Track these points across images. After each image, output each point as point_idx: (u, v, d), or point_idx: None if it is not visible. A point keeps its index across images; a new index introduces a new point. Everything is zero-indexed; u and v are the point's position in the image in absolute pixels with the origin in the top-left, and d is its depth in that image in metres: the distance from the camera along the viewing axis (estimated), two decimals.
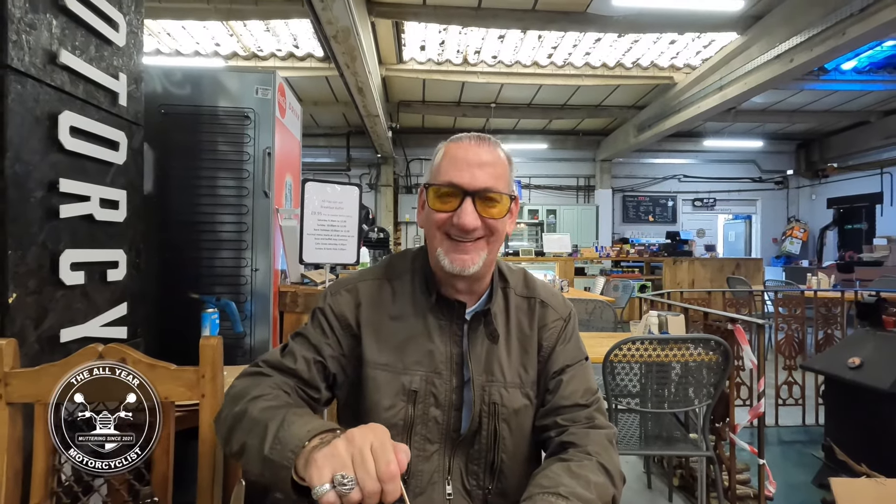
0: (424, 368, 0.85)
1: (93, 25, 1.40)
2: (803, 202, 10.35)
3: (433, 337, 0.87)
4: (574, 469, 0.74)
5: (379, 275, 0.93)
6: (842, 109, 7.97)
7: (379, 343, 0.86)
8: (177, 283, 2.17)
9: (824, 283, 4.94)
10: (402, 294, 0.90)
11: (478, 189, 0.81)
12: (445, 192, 0.83)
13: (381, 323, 0.88)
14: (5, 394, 0.84)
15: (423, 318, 0.88)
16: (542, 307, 0.93)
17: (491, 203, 0.82)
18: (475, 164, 0.82)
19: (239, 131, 2.25)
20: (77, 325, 1.36)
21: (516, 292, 0.94)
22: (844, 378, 2.36)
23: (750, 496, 2.24)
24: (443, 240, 0.84)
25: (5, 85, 1.14)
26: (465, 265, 0.82)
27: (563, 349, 0.91)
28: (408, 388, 0.84)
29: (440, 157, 0.88)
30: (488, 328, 0.88)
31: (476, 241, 0.83)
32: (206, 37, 5.58)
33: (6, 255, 1.14)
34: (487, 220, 0.83)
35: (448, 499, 0.84)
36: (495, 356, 0.88)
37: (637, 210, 10.33)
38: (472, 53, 6.13)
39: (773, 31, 4.83)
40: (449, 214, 0.82)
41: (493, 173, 0.83)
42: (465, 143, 0.86)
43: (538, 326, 0.92)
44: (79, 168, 1.36)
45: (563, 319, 0.94)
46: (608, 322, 3.10)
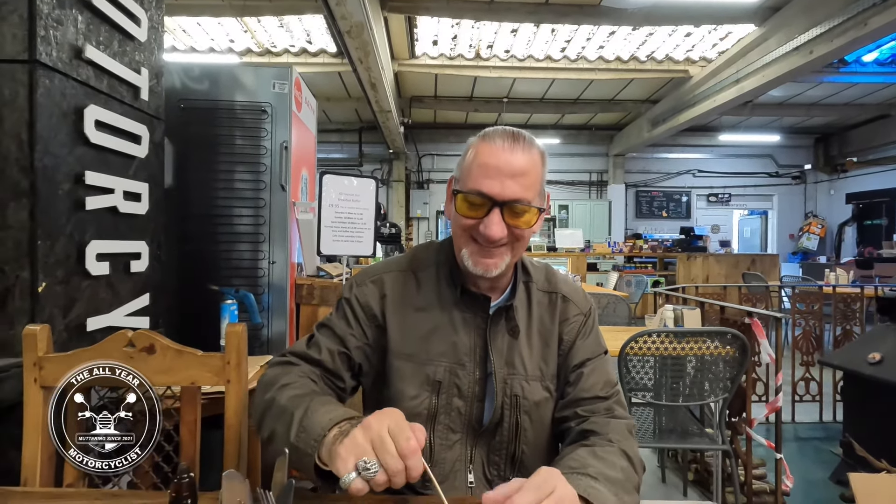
0: (448, 360, 0.86)
1: (116, 21, 1.43)
2: (821, 197, 10.16)
3: (457, 329, 0.88)
4: (598, 453, 0.74)
5: (404, 266, 0.94)
6: (862, 102, 7.80)
7: (404, 334, 0.88)
8: (196, 275, 2.21)
9: (843, 279, 4.87)
10: (427, 286, 0.91)
11: (507, 200, 0.79)
12: (474, 200, 0.80)
13: (406, 314, 0.89)
14: (39, 377, 0.87)
15: (448, 311, 0.89)
16: (563, 302, 0.94)
17: (519, 214, 0.81)
18: (507, 173, 0.79)
19: (256, 125, 2.28)
20: (102, 314, 1.39)
21: (538, 287, 0.94)
22: (864, 373, 2.32)
23: (766, 491, 2.23)
24: (468, 242, 0.83)
25: (34, 79, 1.17)
26: (488, 268, 0.82)
27: (583, 343, 0.92)
28: (432, 379, 0.85)
29: (471, 157, 0.83)
30: (510, 323, 0.89)
31: (501, 248, 0.83)
32: (220, 33, 5.63)
33: (36, 246, 1.18)
34: (514, 230, 0.82)
35: (470, 487, 0.86)
36: (516, 350, 0.89)
37: (650, 205, 10.23)
38: (485, 48, 6.11)
39: (791, 22, 4.74)
40: (476, 221, 0.81)
41: (524, 183, 0.80)
42: (498, 145, 0.81)
43: (559, 321, 0.92)
44: (103, 161, 1.40)
45: (583, 314, 0.94)
46: (622, 317, 3.09)
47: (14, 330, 1.16)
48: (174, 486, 0.63)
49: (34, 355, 0.88)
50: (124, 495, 0.81)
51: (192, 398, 0.91)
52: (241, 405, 0.91)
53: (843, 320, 3.55)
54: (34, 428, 0.86)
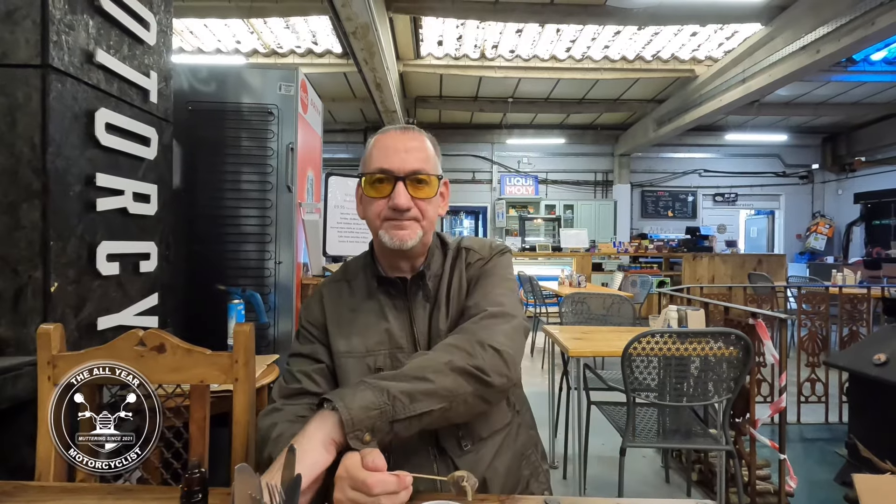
0: (386, 347, 0.92)
1: (126, 25, 1.45)
2: (829, 197, 10.09)
3: (388, 317, 0.93)
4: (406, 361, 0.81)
5: (338, 277, 1.02)
6: (870, 101, 7.74)
7: (343, 334, 0.93)
8: (203, 275, 2.23)
9: (850, 279, 4.83)
10: (357, 288, 0.98)
11: (408, 172, 0.88)
12: (378, 178, 0.89)
13: (342, 316, 0.95)
14: (53, 375, 0.89)
15: (377, 303, 0.95)
16: (466, 252, 0.99)
17: (421, 185, 0.90)
18: (402, 149, 0.89)
19: (263, 127, 2.30)
20: (112, 313, 1.42)
21: (452, 254, 1.00)
22: (870, 374, 2.31)
23: (770, 492, 2.23)
24: (382, 222, 0.91)
25: (47, 84, 1.19)
26: (403, 240, 0.89)
27: (479, 275, 0.96)
28: (373, 368, 0.90)
29: (371, 146, 0.93)
30: (423, 290, 0.95)
31: (411, 220, 0.90)
32: (227, 34, 5.68)
33: (48, 246, 1.20)
34: (419, 202, 0.90)
35: (433, 459, 0.88)
36: (436, 315, 0.94)
37: (656, 205, 10.19)
38: (490, 48, 6.12)
39: (798, 21, 4.72)
40: (385, 200, 0.89)
41: (420, 157, 0.90)
42: (391, 133, 0.92)
43: (465, 269, 0.98)
44: (113, 163, 1.42)
45: (484, 259, 0.99)
46: (626, 318, 3.08)
47: (27, 329, 1.18)
48: (186, 480, 0.64)
49: (48, 354, 0.90)
50: (136, 490, 0.83)
51: (201, 396, 0.93)
52: (248, 403, 0.92)
53: (849, 321, 3.53)
54: (48, 424, 0.88)
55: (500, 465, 0.91)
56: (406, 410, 0.72)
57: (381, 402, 0.71)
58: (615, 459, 1.88)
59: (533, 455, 1.00)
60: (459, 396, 0.76)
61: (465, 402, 0.77)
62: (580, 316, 3.13)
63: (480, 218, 10.28)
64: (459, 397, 0.77)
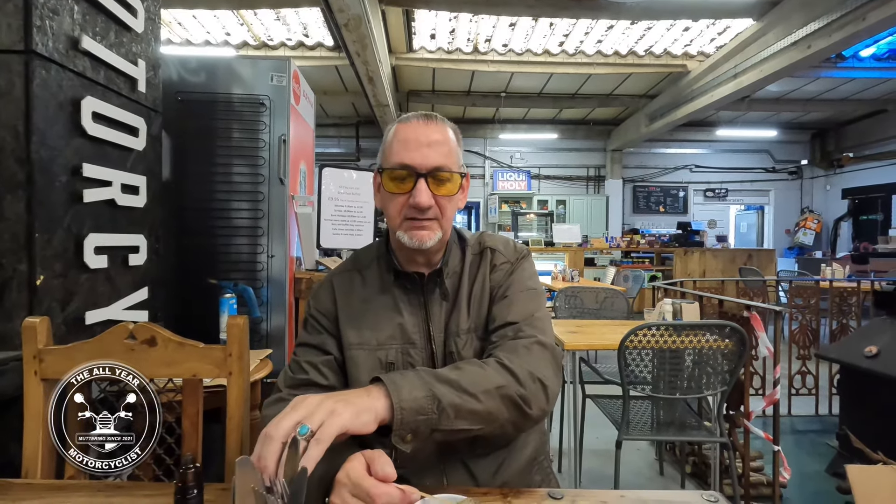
0: (398, 341, 0.89)
1: (112, 11, 1.41)
2: (817, 193, 10.20)
3: (402, 311, 0.91)
4: (459, 365, 0.78)
5: (349, 267, 0.99)
6: (859, 98, 7.82)
7: (354, 325, 0.91)
8: (194, 269, 2.20)
9: (839, 273, 4.88)
10: (370, 280, 0.95)
11: (430, 168, 0.85)
12: (399, 174, 0.86)
13: (354, 307, 0.92)
14: (40, 370, 0.86)
15: (391, 296, 0.92)
16: (491, 253, 0.97)
17: (444, 182, 0.86)
18: (425, 143, 0.85)
19: (254, 118, 2.26)
20: (101, 307, 1.39)
21: (472, 251, 0.98)
22: (860, 367, 2.34)
23: (763, 483, 2.25)
24: (401, 220, 0.88)
25: (30, 70, 1.15)
26: (423, 240, 0.86)
27: (507, 283, 0.94)
28: (384, 362, 0.88)
29: (391, 137, 0.89)
30: (441, 288, 0.93)
31: (431, 220, 0.87)
32: (216, 26, 5.59)
33: (33, 239, 1.17)
34: (439, 199, 0.86)
35: (443, 462, 0.87)
36: (454, 312, 0.92)
37: (648, 200, 10.25)
38: (483, 42, 6.08)
39: (790, 16, 4.74)
40: (406, 196, 0.86)
41: (443, 152, 0.86)
42: (413, 123, 0.88)
43: (490, 272, 0.95)
44: (101, 154, 1.38)
45: (510, 262, 0.96)
46: (620, 311, 3.09)
47: (12, 323, 1.15)
48: (180, 475, 0.62)
49: (34, 348, 0.87)
50: (127, 486, 0.81)
51: (193, 390, 0.90)
52: (243, 397, 0.90)
53: (839, 314, 3.57)
54: (35, 420, 0.86)
55: (513, 471, 0.90)
56: (449, 423, 0.71)
57: (430, 409, 0.69)
58: (609, 452, 1.88)
59: (545, 461, 0.99)
60: (497, 421, 0.76)
61: (500, 427, 0.77)
62: (574, 310, 3.13)
63: (473, 213, 10.27)
64: (497, 422, 0.76)
